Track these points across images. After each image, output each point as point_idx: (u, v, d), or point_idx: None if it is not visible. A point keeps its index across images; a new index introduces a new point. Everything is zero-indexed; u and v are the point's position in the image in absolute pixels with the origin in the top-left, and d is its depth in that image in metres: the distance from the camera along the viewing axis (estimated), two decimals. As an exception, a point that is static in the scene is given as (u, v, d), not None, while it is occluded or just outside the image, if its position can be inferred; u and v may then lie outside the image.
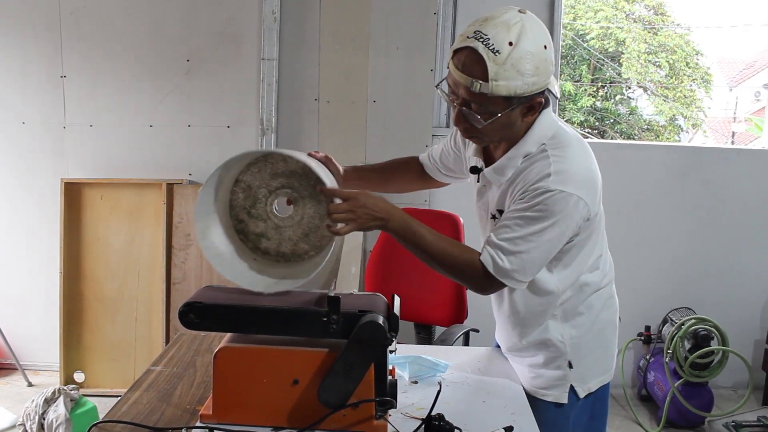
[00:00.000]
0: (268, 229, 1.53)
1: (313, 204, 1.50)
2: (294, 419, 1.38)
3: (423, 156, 1.90)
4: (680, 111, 10.80)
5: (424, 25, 3.47)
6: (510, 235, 1.44)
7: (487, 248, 1.47)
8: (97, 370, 3.54)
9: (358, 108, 3.51)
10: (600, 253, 1.63)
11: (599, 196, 1.53)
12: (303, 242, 1.53)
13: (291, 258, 1.55)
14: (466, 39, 1.39)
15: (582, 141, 1.54)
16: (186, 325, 1.41)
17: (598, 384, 1.67)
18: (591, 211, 1.48)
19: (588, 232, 1.53)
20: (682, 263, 3.71)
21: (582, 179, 1.46)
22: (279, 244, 1.53)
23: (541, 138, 1.49)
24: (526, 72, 1.37)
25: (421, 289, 2.63)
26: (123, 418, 1.45)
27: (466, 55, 1.39)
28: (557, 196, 1.41)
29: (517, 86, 1.37)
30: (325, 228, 1.48)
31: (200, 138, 3.56)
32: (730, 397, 3.69)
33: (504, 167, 1.53)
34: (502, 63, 1.35)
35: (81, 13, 3.48)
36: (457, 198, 3.06)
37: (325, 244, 1.53)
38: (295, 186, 1.49)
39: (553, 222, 1.42)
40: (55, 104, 3.55)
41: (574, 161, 1.46)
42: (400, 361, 1.69)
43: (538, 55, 1.37)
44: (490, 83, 1.36)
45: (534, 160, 1.48)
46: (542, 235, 1.43)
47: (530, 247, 1.44)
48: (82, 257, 3.52)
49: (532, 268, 1.48)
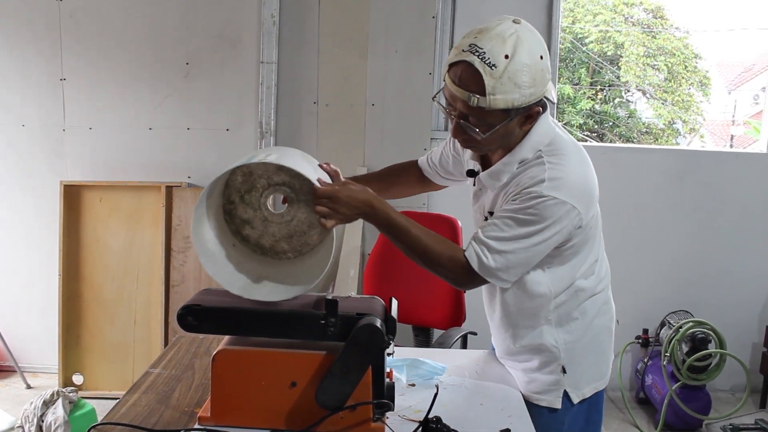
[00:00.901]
0: (255, 218, 1.52)
1: (306, 210, 1.50)
2: (292, 421, 1.38)
3: (422, 160, 1.90)
4: (678, 115, 10.82)
5: (423, 28, 3.48)
6: (498, 234, 1.45)
7: (473, 244, 1.47)
8: (95, 373, 3.54)
9: (357, 111, 3.52)
10: (596, 258, 1.63)
11: (595, 204, 1.54)
12: (285, 242, 1.53)
13: (268, 253, 1.54)
14: (461, 53, 1.39)
15: (579, 148, 1.55)
16: (184, 327, 1.42)
17: (593, 390, 1.68)
18: (584, 219, 1.48)
19: (583, 237, 1.53)
20: (679, 266, 3.72)
21: (576, 188, 1.46)
22: (261, 236, 1.53)
23: (537, 144, 1.50)
24: (523, 84, 1.37)
25: (419, 292, 2.63)
26: (121, 420, 1.45)
27: (462, 69, 1.39)
28: (549, 202, 1.42)
29: (515, 98, 1.38)
30: (310, 237, 1.51)
31: (199, 141, 3.57)
32: (728, 400, 3.69)
33: (500, 172, 1.53)
34: (499, 77, 1.36)
35: (80, 16, 3.49)
36: (456, 201, 3.06)
37: (306, 252, 1.54)
38: (296, 188, 1.49)
39: (543, 227, 1.43)
40: (54, 107, 3.56)
41: (569, 169, 1.47)
42: (398, 363, 1.70)
43: (534, 66, 1.38)
44: (487, 97, 1.37)
45: (529, 165, 1.49)
46: (530, 239, 1.44)
47: (517, 248, 1.44)
48: (81, 259, 3.52)
49: (516, 269, 1.48)
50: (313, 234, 1.53)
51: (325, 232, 1.49)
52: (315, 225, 1.51)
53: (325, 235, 1.51)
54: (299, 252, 1.54)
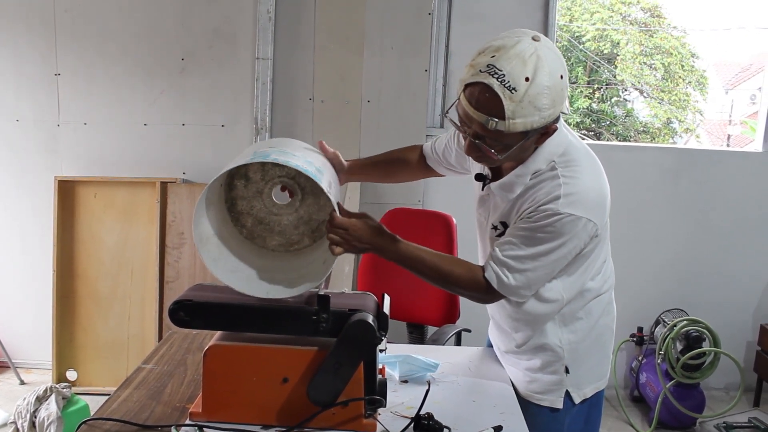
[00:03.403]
0: (253, 200, 1.52)
1: (305, 213, 1.50)
2: (283, 417, 1.38)
3: (426, 147, 1.86)
4: (675, 114, 10.83)
5: (419, 25, 3.47)
6: (516, 252, 1.44)
7: (491, 264, 1.46)
8: (89, 369, 3.53)
9: (353, 108, 3.51)
10: (604, 259, 1.63)
11: (608, 211, 1.53)
12: (271, 233, 1.54)
13: (254, 232, 1.54)
14: (479, 73, 1.32)
15: (591, 156, 1.52)
16: (176, 322, 1.42)
17: (594, 390, 1.67)
18: (599, 229, 1.48)
19: (595, 243, 1.52)
20: (674, 265, 3.72)
21: (591, 201, 1.45)
22: (251, 208, 1.53)
23: (551, 155, 1.47)
24: (543, 107, 1.33)
25: (413, 289, 2.63)
26: (112, 415, 1.45)
27: (480, 90, 1.33)
28: (566, 219, 1.41)
29: (534, 121, 1.34)
30: (298, 243, 1.53)
31: (194, 137, 3.56)
32: (722, 398, 3.70)
33: (513, 184, 1.50)
34: (519, 100, 1.30)
35: (76, 11, 3.47)
36: (451, 198, 3.07)
37: (290, 253, 1.54)
38: (302, 184, 1.50)
39: (561, 243, 1.42)
40: (49, 102, 3.54)
41: (584, 182, 1.44)
42: (391, 360, 1.69)
43: (554, 87, 1.33)
44: (507, 121, 1.32)
45: (543, 178, 1.46)
46: (549, 256, 1.43)
47: (536, 266, 1.44)
48: (75, 255, 3.51)
49: (536, 284, 1.48)
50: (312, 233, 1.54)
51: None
52: (305, 231, 1.53)
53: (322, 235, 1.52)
54: (285, 245, 1.54)
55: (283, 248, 1.56)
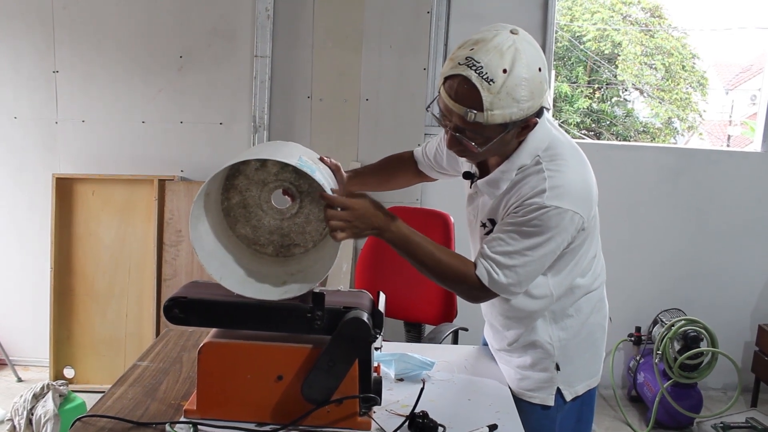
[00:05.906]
0: (253, 186, 1.50)
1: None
2: (278, 415, 1.38)
3: (417, 152, 1.87)
4: (676, 114, 10.83)
5: (418, 23, 3.47)
6: (505, 248, 1.43)
7: (481, 261, 1.46)
8: (86, 366, 3.53)
9: (351, 106, 3.51)
10: (594, 255, 1.62)
11: (595, 205, 1.53)
12: (246, 222, 1.51)
13: (232, 211, 1.51)
14: (457, 66, 1.34)
15: (576, 149, 1.52)
16: (171, 320, 1.42)
17: (585, 388, 1.67)
18: (586, 222, 1.48)
19: (582, 237, 1.52)
20: (672, 264, 3.72)
21: (577, 193, 1.45)
22: (247, 190, 1.50)
23: (535, 150, 1.47)
24: (522, 98, 1.33)
25: (410, 288, 2.63)
26: (107, 412, 1.45)
27: (458, 83, 1.34)
28: (552, 212, 1.40)
29: (513, 113, 1.35)
30: (261, 246, 1.51)
31: (192, 134, 3.56)
32: (719, 398, 3.70)
33: (498, 180, 1.51)
34: (497, 92, 1.31)
35: (74, 8, 3.47)
36: (449, 197, 3.06)
37: (281, 257, 1.53)
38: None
39: (549, 237, 1.42)
40: (47, 99, 3.54)
41: (568, 175, 1.45)
42: (386, 358, 1.69)
43: (532, 79, 1.34)
44: (485, 113, 1.33)
45: (528, 173, 1.47)
46: (537, 250, 1.43)
47: (525, 261, 1.43)
48: (73, 253, 3.51)
49: (526, 280, 1.48)
50: (311, 233, 1.52)
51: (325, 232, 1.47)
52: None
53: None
54: (278, 246, 1.53)
55: (246, 241, 1.53)
